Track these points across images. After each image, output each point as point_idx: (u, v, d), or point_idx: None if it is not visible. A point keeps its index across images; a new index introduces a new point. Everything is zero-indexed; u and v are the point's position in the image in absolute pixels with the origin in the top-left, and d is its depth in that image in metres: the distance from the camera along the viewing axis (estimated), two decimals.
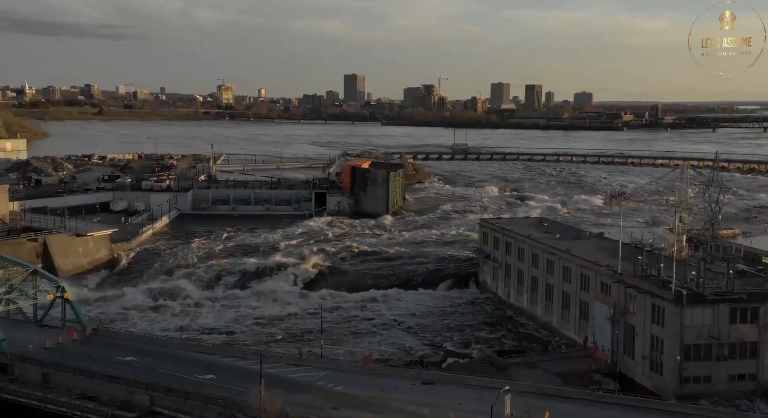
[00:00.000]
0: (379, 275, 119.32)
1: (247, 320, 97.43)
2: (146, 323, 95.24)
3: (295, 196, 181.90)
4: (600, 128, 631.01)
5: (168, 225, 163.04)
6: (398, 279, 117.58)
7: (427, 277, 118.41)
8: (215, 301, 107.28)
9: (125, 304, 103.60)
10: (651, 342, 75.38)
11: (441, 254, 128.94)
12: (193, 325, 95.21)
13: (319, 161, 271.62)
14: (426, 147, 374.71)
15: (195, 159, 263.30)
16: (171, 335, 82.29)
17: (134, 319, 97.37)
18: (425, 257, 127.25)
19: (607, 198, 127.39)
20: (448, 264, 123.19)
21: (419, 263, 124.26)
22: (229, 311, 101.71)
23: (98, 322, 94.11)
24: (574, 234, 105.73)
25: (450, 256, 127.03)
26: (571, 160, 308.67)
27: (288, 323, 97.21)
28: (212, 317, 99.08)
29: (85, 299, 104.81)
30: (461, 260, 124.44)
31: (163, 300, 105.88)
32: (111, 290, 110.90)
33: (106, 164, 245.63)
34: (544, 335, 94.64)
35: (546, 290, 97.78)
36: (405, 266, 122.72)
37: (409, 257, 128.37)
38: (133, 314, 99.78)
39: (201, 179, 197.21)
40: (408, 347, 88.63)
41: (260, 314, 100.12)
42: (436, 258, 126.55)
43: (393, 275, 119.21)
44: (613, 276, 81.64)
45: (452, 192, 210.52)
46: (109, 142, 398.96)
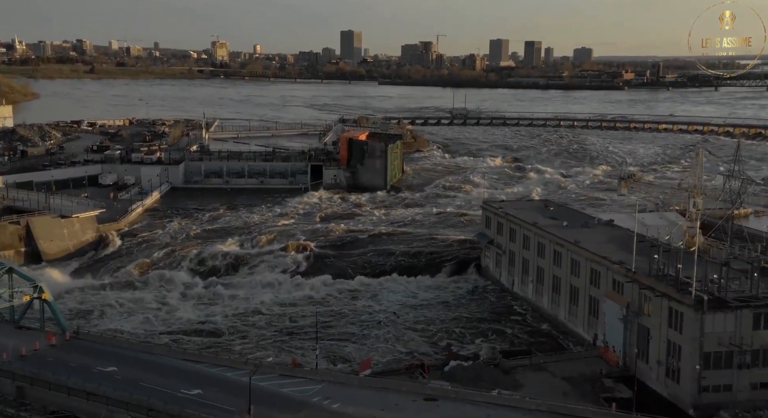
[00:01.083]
0: (376, 259, 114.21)
1: (235, 315, 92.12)
2: (127, 319, 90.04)
3: (290, 168, 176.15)
4: (600, 88, 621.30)
5: (159, 200, 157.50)
6: (396, 264, 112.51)
7: (426, 262, 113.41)
8: (201, 289, 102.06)
9: (106, 297, 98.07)
10: (667, 347, 70.83)
11: (441, 236, 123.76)
12: (177, 321, 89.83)
13: (315, 127, 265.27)
14: (424, 110, 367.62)
15: (187, 125, 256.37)
16: (156, 342, 77.23)
17: (114, 314, 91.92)
18: (424, 239, 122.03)
19: (617, 181, 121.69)
20: (448, 247, 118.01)
21: (418, 245, 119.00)
22: (215, 305, 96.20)
23: (77, 316, 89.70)
24: (581, 221, 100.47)
25: (450, 238, 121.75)
26: (572, 125, 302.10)
27: (278, 317, 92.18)
28: (197, 310, 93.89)
29: (68, 288, 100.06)
30: (462, 243, 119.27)
31: (146, 291, 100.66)
32: (92, 279, 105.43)
33: (96, 131, 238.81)
34: (551, 330, 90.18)
35: (553, 281, 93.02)
36: (403, 250, 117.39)
37: (408, 239, 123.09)
38: (113, 306, 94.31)
39: (193, 150, 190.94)
40: (408, 347, 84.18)
41: (248, 308, 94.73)
42: (435, 240, 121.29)
43: (390, 259, 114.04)
44: (627, 275, 76.71)
45: (451, 163, 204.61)
46: (100, 105, 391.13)
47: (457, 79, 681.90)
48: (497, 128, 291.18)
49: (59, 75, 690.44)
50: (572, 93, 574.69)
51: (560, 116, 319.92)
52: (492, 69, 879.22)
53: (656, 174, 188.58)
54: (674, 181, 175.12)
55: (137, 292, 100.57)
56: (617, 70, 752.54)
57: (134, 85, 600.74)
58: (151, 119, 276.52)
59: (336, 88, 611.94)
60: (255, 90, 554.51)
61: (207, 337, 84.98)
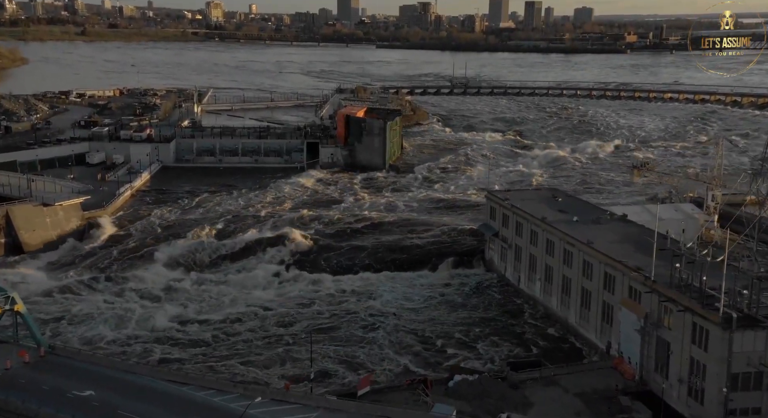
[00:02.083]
0: (375, 251, 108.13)
1: (222, 320, 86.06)
2: (106, 323, 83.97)
3: (285, 146, 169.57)
4: (602, 51, 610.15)
5: (149, 182, 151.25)
6: (394, 257, 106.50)
7: (427, 254, 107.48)
8: (187, 286, 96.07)
9: (83, 298, 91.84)
10: (690, 365, 65.58)
11: (442, 224, 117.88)
12: (159, 325, 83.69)
13: (311, 97, 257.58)
14: (423, 77, 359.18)
15: (179, 96, 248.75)
16: (135, 352, 71.62)
17: (92, 316, 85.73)
18: (424, 228, 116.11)
19: (628, 169, 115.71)
20: (450, 237, 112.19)
21: (418, 235, 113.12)
22: (201, 306, 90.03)
23: (52, 319, 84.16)
24: (592, 215, 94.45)
25: (452, 227, 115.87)
26: (575, 94, 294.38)
27: (268, 320, 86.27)
28: (181, 311, 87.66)
29: (45, 288, 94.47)
30: (464, 233, 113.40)
31: (127, 289, 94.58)
32: (70, 277, 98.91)
33: (85, 103, 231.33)
34: (561, 334, 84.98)
35: (563, 282, 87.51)
36: (402, 240, 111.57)
37: (407, 227, 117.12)
38: (90, 308, 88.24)
39: (184, 126, 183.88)
40: (409, 351, 79.06)
41: (236, 310, 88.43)
42: (435, 229, 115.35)
43: (389, 251, 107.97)
44: (645, 283, 71.18)
45: (452, 138, 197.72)
46: (91, 71, 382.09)
47: (456, 42, 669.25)
48: (498, 98, 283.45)
49: (50, 37, 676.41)
50: (573, 57, 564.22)
51: (562, 85, 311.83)
52: (491, 31, 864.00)
53: (664, 151, 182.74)
54: (685, 162, 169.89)
55: (118, 289, 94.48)
56: (619, 33, 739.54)
57: (127, 49, 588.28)
58: (143, 89, 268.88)
59: (333, 52, 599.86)
60: (250, 54, 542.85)
61: (192, 348, 78.88)
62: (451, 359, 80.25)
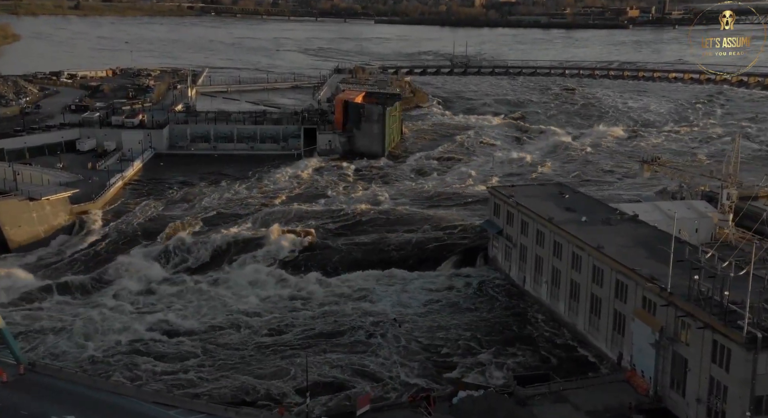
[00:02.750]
0: (373, 249, 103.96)
1: (212, 327, 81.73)
2: (88, 332, 79.77)
3: (282, 132, 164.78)
4: (604, 26, 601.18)
5: (141, 171, 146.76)
6: (393, 255, 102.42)
7: (426, 252, 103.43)
8: (173, 288, 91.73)
9: (66, 303, 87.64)
10: (710, 385, 61.82)
11: (442, 219, 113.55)
12: (143, 334, 79.23)
13: (309, 77, 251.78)
14: (423, 56, 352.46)
15: (174, 77, 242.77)
16: (122, 381, 67.64)
17: (66, 330, 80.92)
18: (423, 223, 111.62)
19: (639, 165, 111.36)
20: (452, 233, 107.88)
21: (417, 231, 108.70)
22: (187, 309, 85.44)
23: (31, 330, 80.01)
24: (601, 214, 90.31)
25: (454, 222, 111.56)
26: (578, 74, 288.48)
27: (259, 328, 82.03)
28: (167, 317, 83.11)
29: (28, 289, 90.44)
30: (466, 229, 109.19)
31: (110, 292, 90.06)
32: (52, 277, 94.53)
33: (76, 85, 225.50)
34: (569, 342, 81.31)
35: (571, 287, 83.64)
36: (400, 236, 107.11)
37: (405, 222, 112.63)
38: (72, 315, 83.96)
39: (178, 110, 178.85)
40: (411, 360, 75.39)
41: (225, 317, 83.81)
42: (436, 225, 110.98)
43: (386, 249, 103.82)
44: (661, 295, 67.17)
45: (452, 122, 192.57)
46: (84, 49, 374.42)
47: (455, 17, 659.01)
48: (499, 79, 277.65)
49: (42, 11, 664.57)
50: (575, 33, 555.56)
51: (564, 64, 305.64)
52: (492, 5, 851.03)
53: (671, 136, 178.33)
54: (693, 149, 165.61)
55: (97, 294, 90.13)
56: (621, 7, 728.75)
57: (121, 24, 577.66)
58: (136, 69, 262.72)
59: (331, 28, 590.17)
60: (247, 30, 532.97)
61: (177, 361, 74.63)
62: (455, 366, 76.79)
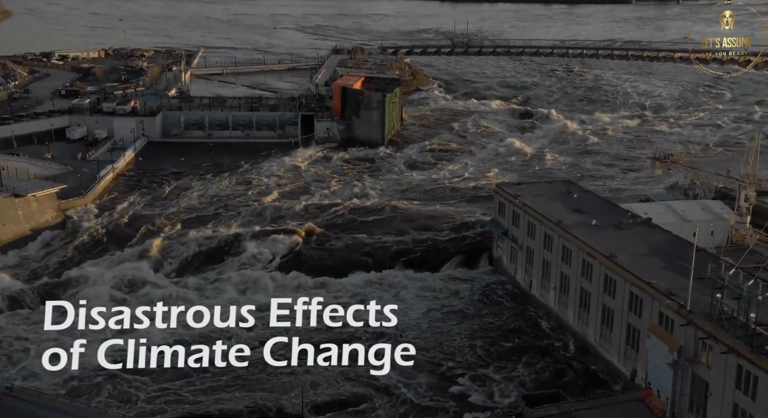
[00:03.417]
0: (370, 249, 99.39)
1: (199, 337, 75.91)
2: (65, 346, 73.02)
3: (278, 119, 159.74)
4: (606, 1, 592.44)
5: (133, 161, 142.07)
6: (392, 256, 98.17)
7: (427, 252, 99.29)
8: (156, 292, 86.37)
9: (36, 320, 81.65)
10: (733, 412, 58.25)
11: (443, 215, 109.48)
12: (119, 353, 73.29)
13: (306, 58, 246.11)
14: (423, 34, 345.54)
15: (168, 57, 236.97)
16: (106, 409, 63.67)
17: (54, 338, 76.29)
18: (423, 220, 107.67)
19: (651, 162, 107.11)
20: (452, 233, 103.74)
21: (417, 229, 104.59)
22: (171, 317, 77.56)
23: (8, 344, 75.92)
24: (612, 217, 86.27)
25: (454, 220, 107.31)
26: (581, 53, 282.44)
27: (248, 342, 76.42)
28: (149, 331, 75.71)
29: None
30: (468, 227, 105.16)
31: (85, 306, 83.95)
32: (32, 281, 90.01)
33: (67, 67, 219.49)
34: (580, 355, 77.69)
35: (581, 295, 79.87)
36: (399, 235, 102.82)
37: (404, 219, 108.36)
38: (42, 332, 78.31)
39: (172, 95, 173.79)
40: (414, 384, 71.61)
41: (211, 328, 77.41)
42: (437, 221, 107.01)
43: (385, 249, 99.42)
44: (680, 313, 63.35)
45: (453, 107, 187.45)
46: (76, 27, 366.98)
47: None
48: (501, 59, 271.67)
49: None
50: (576, 9, 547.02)
51: (567, 44, 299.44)
52: None
53: (679, 123, 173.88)
54: (701, 137, 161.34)
55: (74, 302, 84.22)
56: None
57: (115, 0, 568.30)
58: (130, 49, 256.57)
59: (328, 3, 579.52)
60: (243, 6, 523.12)
61: (167, 381, 70.69)
62: (459, 379, 73.29)
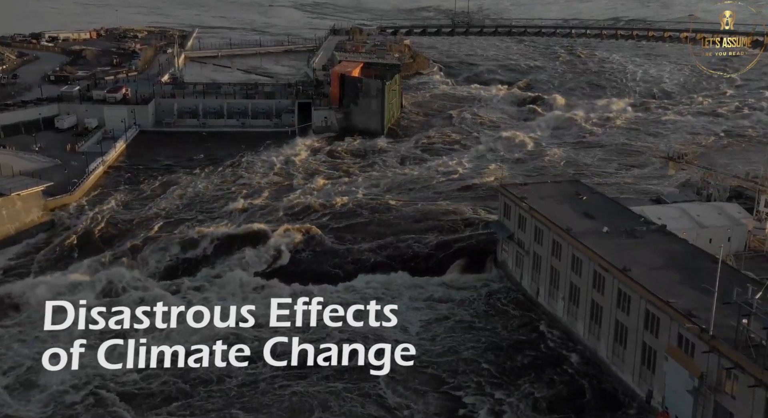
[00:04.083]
0: (367, 252, 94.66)
1: (186, 361, 71.34)
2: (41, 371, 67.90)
3: (275, 106, 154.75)
4: None
5: (124, 152, 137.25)
6: (392, 258, 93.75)
7: (428, 255, 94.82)
8: (137, 298, 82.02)
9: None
10: None
11: (445, 213, 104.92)
12: (101, 371, 67.59)
13: (304, 39, 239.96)
14: (423, 13, 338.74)
15: (161, 39, 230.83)
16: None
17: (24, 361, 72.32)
18: (425, 219, 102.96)
19: (663, 161, 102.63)
20: (455, 233, 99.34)
21: (418, 229, 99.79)
22: (154, 332, 71.51)
23: None
24: (623, 221, 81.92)
25: (457, 218, 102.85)
26: (584, 33, 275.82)
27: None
28: (130, 347, 70.49)
29: None
30: (471, 226, 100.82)
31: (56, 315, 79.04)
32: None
33: (57, 49, 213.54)
34: (591, 370, 73.79)
35: (591, 308, 75.80)
36: (399, 235, 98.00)
37: (405, 217, 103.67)
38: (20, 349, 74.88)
39: (165, 81, 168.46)
40: (417, 410, 67.74)
41: (201, 346, 71.14)
42: (438, 220, 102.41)
43: (385, 251, 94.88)
44: (701, 338, 59.31)
45: (454, 93, 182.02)
46: (68, 4, 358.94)
47: None
48: (503, 40, 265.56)
49: None
50: None
51: (570, 24, 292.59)
52: None
53: (688, 110, 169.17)
54: (710, 125, 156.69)
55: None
56: None
57: None
58: (122, 29, 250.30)
59: None
60: None
61: (157, 403, 66.68)
62: (466, 402, 69.40)
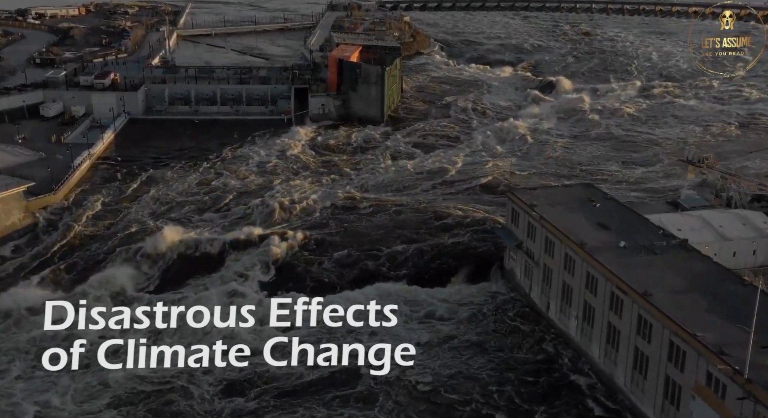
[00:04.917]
0: (367, 259, 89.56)
1: (163, 389, 66.61)
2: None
3: (270, 92, 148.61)
4: None
5: (113, 143, 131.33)
6: (393, 268, 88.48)
7: (432, 262, 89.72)
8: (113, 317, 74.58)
9: None
10: None
11: (448, 215, 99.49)
12: (79, 401, 64.78)
13: (301, 16, 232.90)
14: None
15: (153, 16, 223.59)
16: None
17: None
18: (422, 222, 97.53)
19: (682, 164, 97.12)
20: (459, 238, 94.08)
21: (420, 235, 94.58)
22: (127, 354, 62.20)
23: None
24: (642, 236, 76.44)
25: (461, 223, 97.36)
26: (590, 8, 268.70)
27: (218, 385, 67.47)
28: (110, 371, 65.61)
29: None
30: (476, 230, 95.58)
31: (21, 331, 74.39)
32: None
33: (44, 27, 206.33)
34: (608, 401, 69.05)
35: (609, 331, 70.79)
36: (401, 241, 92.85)
37: (406, 221, 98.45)
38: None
39: (155, 65, 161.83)
40: None
41: (181, 374, 67.31)
42: (442, 223, 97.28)
43: (386, 259, 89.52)
44: (735, 380, 54.38)
45: (456, 75, 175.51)
46: None
47: None
48: (506, 14, 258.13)
49: None
50: None
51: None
52: None
53: (700, 95, 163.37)
54: (721, 112, 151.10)
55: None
56: None
57: None
58: (113, 4, 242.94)
59: None
60: None
61: None
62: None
